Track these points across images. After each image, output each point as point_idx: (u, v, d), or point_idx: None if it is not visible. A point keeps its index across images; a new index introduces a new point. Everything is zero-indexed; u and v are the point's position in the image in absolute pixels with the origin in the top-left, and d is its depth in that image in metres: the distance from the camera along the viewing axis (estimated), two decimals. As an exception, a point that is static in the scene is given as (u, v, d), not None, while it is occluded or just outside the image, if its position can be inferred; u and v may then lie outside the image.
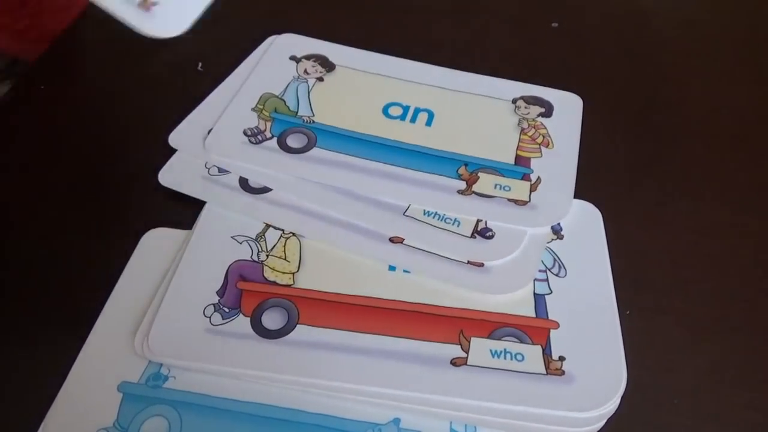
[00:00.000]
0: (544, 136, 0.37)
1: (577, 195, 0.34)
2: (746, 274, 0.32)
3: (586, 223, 0.32)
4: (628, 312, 0.29)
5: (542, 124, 0.37)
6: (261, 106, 0.37)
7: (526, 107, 0.38)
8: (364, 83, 0.40)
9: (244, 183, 0.33)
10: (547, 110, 0.38)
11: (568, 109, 0.38)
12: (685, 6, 0.49)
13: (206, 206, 0.32)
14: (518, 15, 0.46)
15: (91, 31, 0.43)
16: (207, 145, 0.35)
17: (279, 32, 0.42)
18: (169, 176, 0.33)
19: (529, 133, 0.37)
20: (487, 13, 0.46)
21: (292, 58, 0.41)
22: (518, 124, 0.37)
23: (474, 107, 0.38)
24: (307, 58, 0.41)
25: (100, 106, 0.39)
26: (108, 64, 0.42)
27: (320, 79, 0.40)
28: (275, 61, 0.40)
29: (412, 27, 0.45)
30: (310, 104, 0.38)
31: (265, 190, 0.33)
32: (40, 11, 0.50)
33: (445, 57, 0.42)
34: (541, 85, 0.40)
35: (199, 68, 0.40)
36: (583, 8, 0.47)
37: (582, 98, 0.39)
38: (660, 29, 0.46)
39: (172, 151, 0.35)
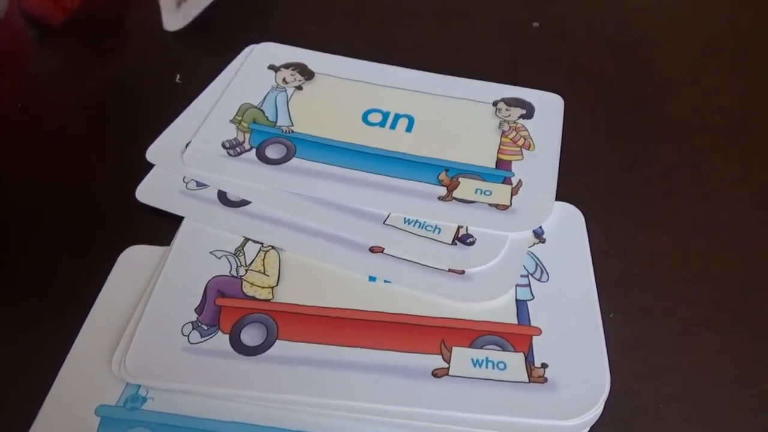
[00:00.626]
0: (525, 138, 0.36)
1: (559, 197, 0.33)
2: (732, 274, 0.32)
3: (568, 225, 0.32)
4: (611, 315, 0.28)
5: (523, 126, 0.37)
6: (239, 118, 0.37)
7: (507, 109, 0.38)
8: (344, 90, 0.39)
9: (222, 196, 0.33)
10: (529, 112, 0.38)
11: (549, 109, 0.38)
12: (667, 1, 0.48)
13: (184, 221, 0.32)
14: (499, 15, 0.46)
15: (62, 41, 0.43)
16: (185, 159, 0.34)
17: (258, 41, 0.42)
18: (147, 192, 0.33)
19: (510, 136, 0.36)
20: (468, 14, 0.46)
21: (271, 67, 0.40)
22: (499, 127, 0.37)
23: (454, 111, 0.38)
24: (286, 66, 0.40)
25: (76, 120, 0.39)
26: (83, 76, 0.42)
27: (299, 88, 0.39)
28: (254, 71, 0.40)
29: (391, 30, 0.44)
30: (289, 114, 0.38)
31: (243, 203, 0.33)
32: None
33: (426, 60, 0.41)
34: (522, 86, 0.40)
35: (177, 80, 0.40)
36: (564, 6, 0.47)
37: (564, 98, 0.39)
38: (642, 24, 0.46)
39: (150, 166, 0.35)
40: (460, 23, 0.45)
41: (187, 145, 0.35)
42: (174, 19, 0.44)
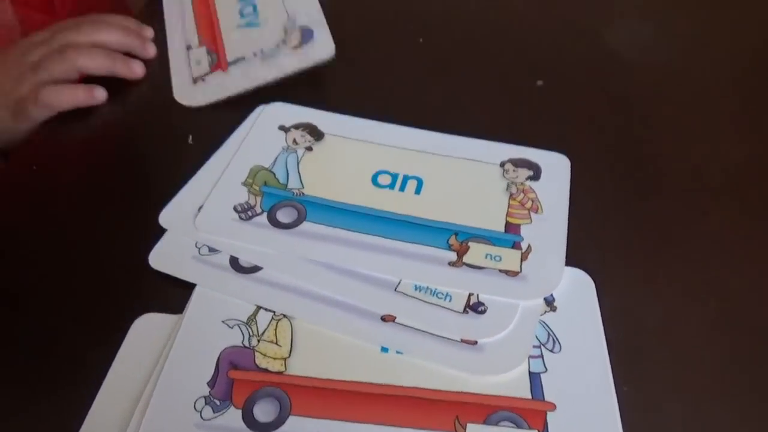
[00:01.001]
0: (533, 201, 0.37)
1: (568, 261, 0.34)
2: (742, 337, 0.32)
3: (579, 292, 0.32)
4: (625, 389, 0.28)
5: (531, 188, 0.37)
6: (251, 180, 0.38)
7: (514, 170, 0.39)
8: (353, 151, 0.40)
9: (234, 262, 0.33)
10: (535, 173, 0.38)
11: (556, 170, 0.39)
12: (668, 58, 0.49)
13: (196, 288, 0.32)
14: (504, 74, 0.46)
15: (81, 116, 0.43)
16: (197, 223, 0.35)
17: (268, 101, 0.43)
18: (160, 259, 0.33)
19: (518, 198, 0.37)
20: (473, 73, 0.47)
21: (281, 127, 0.41)
22: (507, 189, 0.37)
23: (462, 172, 0.38)
24: (296, 127, 0.41)
25: (89, 183, 0.39)
26: (96, 141, 0.42)
27: (309, 149, 0.40)
28: (264, 132, 0.41)
29: (398, 90, 0.45)
30: (300, 176, 0.38)
31: (255, 269, 0.33)
32: None
33: (433, 119, 0.42)
34: (528, 145, 0.40)
35: (189, 141, 0.41)
36: (567, 65, 0.47)
37: (569, 157, 0.40)
38: (643, 81, 0.47)
39: (163, 229, 0.35)
40: (466, 82, 0.46)
41: (199, 209, 0.36)
42: (188, 94, 0.44)
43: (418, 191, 0.37)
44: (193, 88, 0.44)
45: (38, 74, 0.41)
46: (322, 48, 0.45)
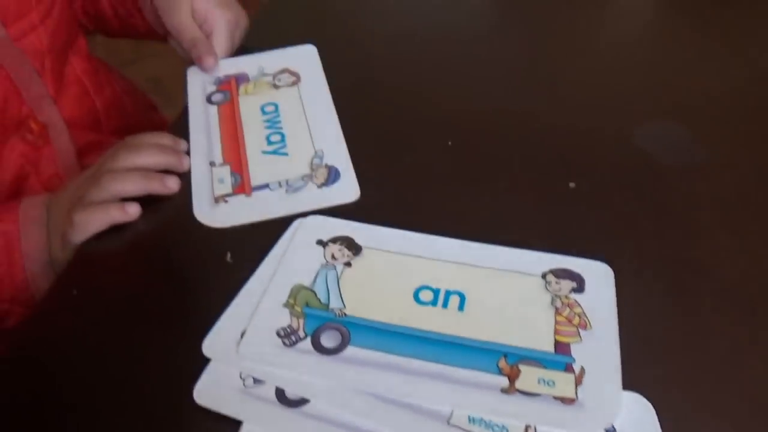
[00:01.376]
0: (580, 316, 0.36)
1: (624, 383, 0.32)
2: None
3: (640, 421, 0.31)
4: None
5: (576, 301, 0.37)
6: (292, 301, 0.37)
7: (556, 282, 0.38)
8: (393, 265, 0.39)
9: (281, 395, 0.33)
10: (579, 284, 0.38)
11: (599, 281, 0.38)
12: (700, 159, 0.48)
13: (243, 427, 0.31)
14: (535, 176, 0.46)
15: (114, 235, 0.43)
16: (241, 351, 0.34)
17: (305, 215, 0.43)
18: (204, 393, 0.32)
19: (564, 314, 0.36)
20: (504, 176, 0.47)
21: (319, 242, 0.41)
22: (551, 303, 0.37)
23: (504, 286, 0.38)
24: (334, 241, 0.41)
25: (129, 308, 0.39)
26: (133, 261, 0.42)
27: (348, 264, 0.40)
28: (303, 247, 0.41)
29: (430, 196, 0.45)
30: (341, 294, 0.38)
31: (302, 401, 0.32)
32: None
33: (467, 226, 0.42)
34: (567, 252, 0.40)
35: (228, 259, 0.41)
36: (595, 165, 0.47)
37: (610, 264, 0.39)
38: (678, 184, 0.46)
39: (207, 358, 0.34)
40: (497, 185, 0.46)
41: (242, 335, 0.35)
42: (209, 214, 0.43)
43: (461, 307, 0.37)
44: (214, 208, 0.44)
45: (82, 203, 0.42)
46: (348, 192, 0.45)
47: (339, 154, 0.47)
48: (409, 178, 0.47)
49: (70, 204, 0.43)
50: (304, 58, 0.56)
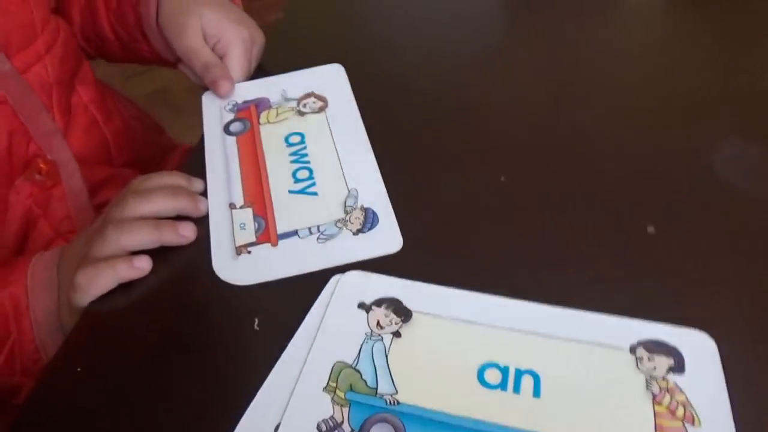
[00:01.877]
0: (684, 407, 0.30)
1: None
2: None
3: None
4: None
5: (677, 385, 0.30)
6: (333, 384, 0.31)
7: (649, 359, 0.32)
8: (450, 336, 0.33)
9: None
10: (677, 362, 0.32)
11: (702, 357, 0.32)
12: None
13: None
14: (603, 216, 0.40)
15: (123, 294, 0.38)
16: (275, 453, 0.29)
17: (343, 269, 0.37)
18: None
19: (665, 404, 0.30)
20: (568, 218, 0.40)
21: (361, 306, 0.35)
22: (647, 388, 0.30)
23: (585, 363, 0.32)
24: (378, 304, 0.35)
25: (138, 386, 0.33)
26: (146, 329, 0.36)
27: (397, 335, 0.34)
28: (342, 313, 0.35)
29: (486, 248, 0.39)
30: (391, 375, 0.32)
31: None
32: None
33: (532, 284, 0.36)
34: (655, 317, 0.33)
35: (255, 327, 0.35)
36: (675, 201, 0.41)
37: (710, 332, 0.33)
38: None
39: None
40: (561, 230, 0.39)
41: (276, 429, 0.30)
42: (230, 269, 0.38)
43: (536, 392, 0.31)
44: (235, 261, 0.38)
45: (87, 260, 0.36)
46: (388, 240, 0.38)
47: (376, 194, 0.41)
48: (456, 222, 0.40)
49: (77, 262, 0.38)
50: (331, 79, 0.50)
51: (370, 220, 0.40)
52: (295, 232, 0.39)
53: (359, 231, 0.39)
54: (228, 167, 0.44)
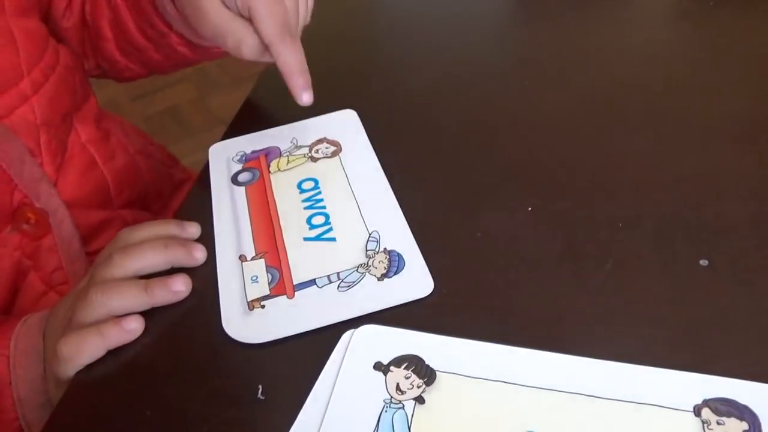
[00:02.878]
0: (769, 485, 0.25)
1: None
2: None
3: None
4: None
5: (756, 457, 0.26)
6: (349, 465, 0.28)
7: (718, 422, 0.27)
8: (482, 401, 0.29)
9: None
10: (752, 425, 0.27)
11: (780, 417, 0.27)
12: None
13: None
14: (650, 254, 0.35)
15: (114, 358, 0.34)
16: None
17: (355, 324, 0.33)
18: None
19: (744, 480, 0.26)
20: (611, 258, 0.35)
21: (378, 366, 0.31)
22: (719, 459, 0.26)
23: (643, 430, 0.27)
24: (397, 364, 0.31)
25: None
26: (141, 400, 0.32)
27: (420, 400, 0.29)
28: (356, 376, 0.30)
29: (520, 290, 0.34)
30: (415, 451, 0.28)
31: None
32: None
33: (575, 335, 0.31)
34: (718, 370, 0.28)
35: (259, 395, 0.31)
36: (728, 228, 0.36)
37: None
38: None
39: None
40: (601, 269, 0.35)
41: None
42: (242, 326, 0.34)
43: (587, 468, 0.27)
44: (248, 317, 0.34)
45: (71, 327, 0.33)
46: (417, 284, 0.35)
47: (400, 235, 0.37)
48: (490, 265, 0.36)
49: (62, 329, 0.34)
50: (344, 125, 0.46)
51: (395, 264, 0.36)
52: (312, 282, 0.35)
53: (384, 276, 0.35)
54: (237, 218, 0.40)
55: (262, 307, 0.34)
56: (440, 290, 0.34)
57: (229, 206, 0.41)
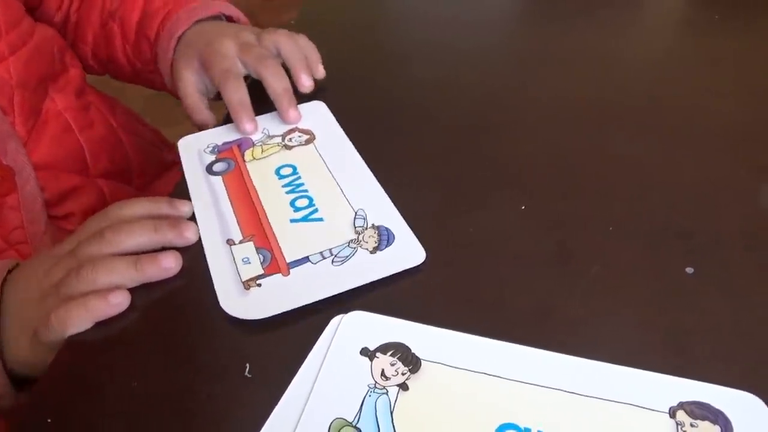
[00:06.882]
0: (736, 487, 0.26)
1: None
2: None
3: None
4: None
5: (726, 459, 0.27)
6: (331, 446, 0.28)
7: (692, 425, 0.28)
8: (464, 390, 0.30)
9: None
10: (725, 429, 0.28)
11: (752, 423, 0.28)
12: None
13: None
14: (638, 259, 0.36)
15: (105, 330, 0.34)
16: None
17: (345, 309, 0.33)
18: None
19: (713, 481, 0.26)
20: (599, 261, 0.36)
21: (364, 352, 0.32)
22: (691, 461, 0.27)
23: (619, 428, 0.28)
24: (383, 350, 0.31)
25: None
26: (126, 376, 0.32)
27: (404, 387, 0.30)
28: (343, 360, 0.31)
29: (505, 289, 0.35)
30: (396, 435, 0.29)
31: None
32: None
33: (559, 333, 0.32)
34: (696, 376, 0.29)
35: (246, 374, 0.31)
36: (717, 237, 0.37)
37: (759, 393, 0.29)
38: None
39: None
40: (590, 269, 0.35)
41: (263, 499, 0.26)
42: (241, 304, 0.34)
43: (562, 461, 0.27)
44: (245, 297, 0.34)
45: (59, 297, 0.33)
46: (409, 254, 0.36)
47: (385, 212, 0.38)
48: (475, 256, 0.36)
49: (40, 293, 0.34)
50: (314, 115, 0.47)
51: (385, 237, 0.37)
52: (306, 259, 0.36)
53: (376, 249, 0.36)
54: (218, 205, 0.40)
55: (259, 285, 0.35)
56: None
57: (208, 194, 0.41)
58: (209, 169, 0.44)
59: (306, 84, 0.47)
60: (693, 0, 0.63)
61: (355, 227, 0.38)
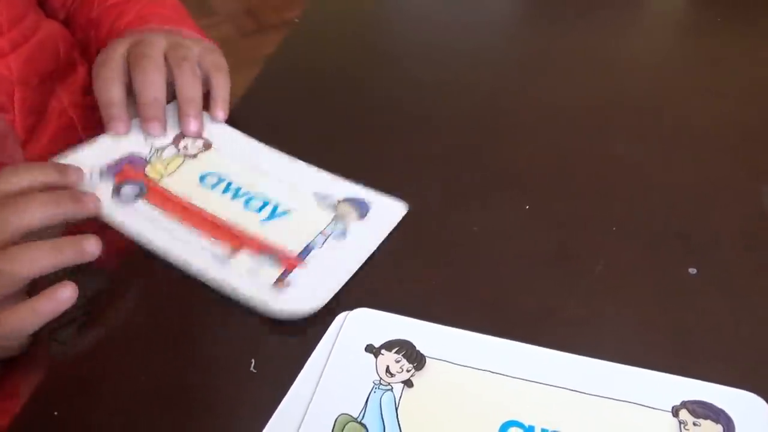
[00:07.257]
0: (738, 484, 0.26)
1: None
2: None
3: None
4: None
5: (727, 457, 0.27)
6: (336, 442, 0.28)
7: (695, 423, 0.28)
8: (468, 388, 0.30)
9: None
10: (727, 428, 0.28)
11: (754, 422, 0.28)
12: None
13: None
14: (642, 260, 0.36)
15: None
16: None
17: (351, 306, 0.33)
18: None
19: (715, 478, 0.27)
20: (602, 260, 0.36)
21: (369, 349, 0.32)
22: (693, 459, 0.27)
23: (622, 426, 0.28)
24: (389, 347, 0.32)
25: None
26: (129, 370, 0.32)
27: (409, 384, 0.30)
28: (348, 357, 0.31)
29: (511, 288, 0.35)
30: (401, 431, 0.29)
31: None
32: None
33: (561, 333, 0.32)
34: (699, 375, 0.29)
35: (252, 368, 0.31)
36: (720, 238, 0.37)
37: (761, 393, 0.29)
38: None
39: None
40: (594, 268, 0.36)
41: (269, 494, 0.26)
42: (285, 303, 0.33)
43: (566, 463, 0.28)
44: (283, 295, 0.33)
45: None
46: (392, 209, 0.38)
47: (341, 186, 0.39)
48: (479, 254, 0.36)
49: None
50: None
51: (361, 206, 0.38)
52: (309, 247, 0.36)
53: (362, 216, 0.37)
54: (169, 231, 0.37)
55: (287, 284, 0.34)
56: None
57: (147, 225, 0.37)
58: (117, 194, 0.38)
59: (193, 129, 0.42)
60: (693, 1, 0.63)
61: (328, 206, 0.38)
